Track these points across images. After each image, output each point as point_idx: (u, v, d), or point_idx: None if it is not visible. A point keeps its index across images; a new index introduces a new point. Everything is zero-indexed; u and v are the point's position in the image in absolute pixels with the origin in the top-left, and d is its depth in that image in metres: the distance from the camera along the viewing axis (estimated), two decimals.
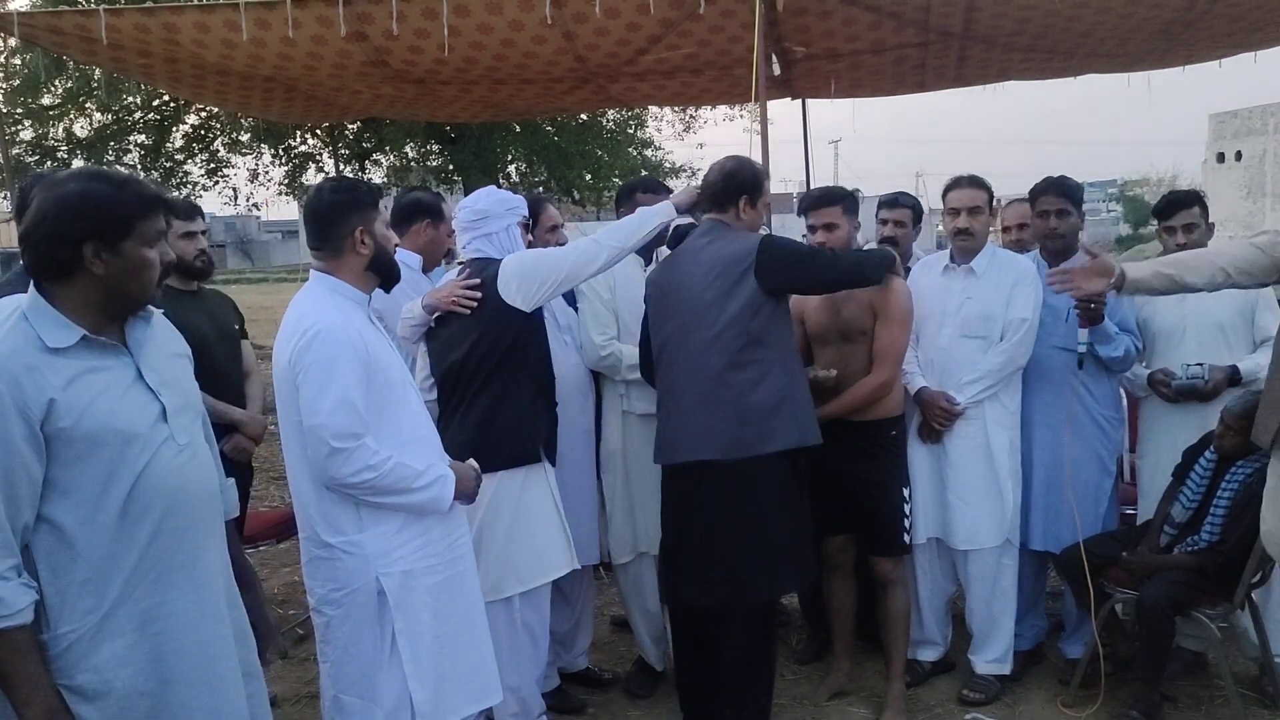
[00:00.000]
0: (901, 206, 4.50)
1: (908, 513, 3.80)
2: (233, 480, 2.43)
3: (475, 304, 3.33)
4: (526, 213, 3.61)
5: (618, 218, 3.71)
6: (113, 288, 2.02)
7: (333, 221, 2.69)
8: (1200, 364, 3.78)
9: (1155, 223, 4.17)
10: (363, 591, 2.63)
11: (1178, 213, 3.98)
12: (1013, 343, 3.79)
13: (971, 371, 3.82)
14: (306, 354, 2.56)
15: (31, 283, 2.01)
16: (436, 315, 3.43)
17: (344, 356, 2.56)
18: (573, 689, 4.04)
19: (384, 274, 2.80)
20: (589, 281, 3.59)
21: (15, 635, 1.89)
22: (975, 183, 3.92)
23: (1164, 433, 3.98)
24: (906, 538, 3.81)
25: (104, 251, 1.98)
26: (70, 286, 2.00)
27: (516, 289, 3.30)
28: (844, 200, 3.79)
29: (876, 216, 4.63)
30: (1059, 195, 3.93)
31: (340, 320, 2.61)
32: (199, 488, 2.14)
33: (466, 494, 2.85)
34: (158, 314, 2.25)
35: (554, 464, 3.47)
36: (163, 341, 2.21)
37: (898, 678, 3.87)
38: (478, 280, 3.35)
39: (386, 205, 3.20)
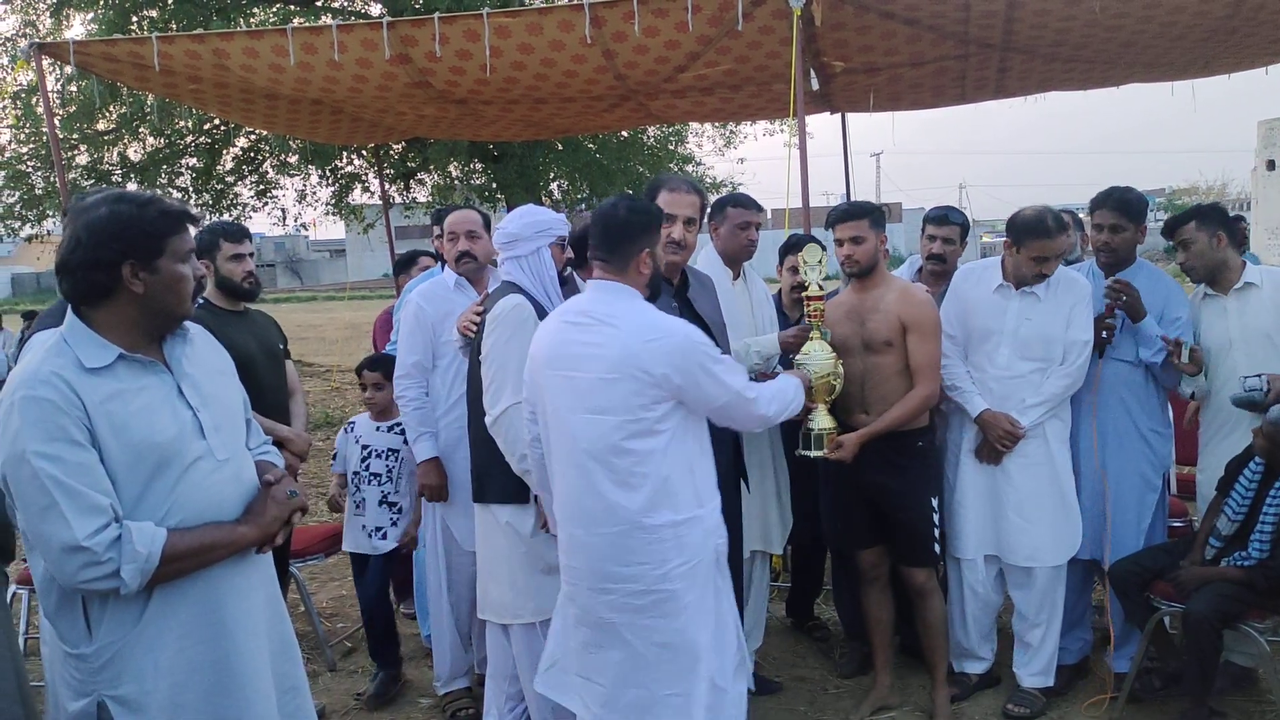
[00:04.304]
0: (950, 224, 4.40)
1: (937, 523, 3.80)
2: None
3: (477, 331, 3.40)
4: (563, 233, 3.54)
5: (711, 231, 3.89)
6: (151, 305, 2.07)
7: (625, 239, 2.86)
8: (1259, 375, 3.69)
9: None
10: (706, 561, 2.85)
11: (1177, 228, 3.91)
12: (1076, 366, 3.78)
13: (1035, 395, 3.81)
14: (689, 353, 2.76)
15: (69, 308, 2.07)
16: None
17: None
18: None
19: (653, 289, 2.98)
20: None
21: (185, 540, 2.02)
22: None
23: (1224, 445, 3.90)
24: (936, 548, 3.81)
25: (141, 270, 2.03)
26: (109, 309, 2.05)
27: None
28: (870, 214, 3.75)
29: (923, 233, 4.53)
30: (1113, 210, 3.90)
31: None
32: (238, 502, 2.18)
33: None
34: (198, 329, 2.29)
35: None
36: (204, 357, 2.25)
37: (942, 684, 3.88)
38: (482, 309, 3.40)
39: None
